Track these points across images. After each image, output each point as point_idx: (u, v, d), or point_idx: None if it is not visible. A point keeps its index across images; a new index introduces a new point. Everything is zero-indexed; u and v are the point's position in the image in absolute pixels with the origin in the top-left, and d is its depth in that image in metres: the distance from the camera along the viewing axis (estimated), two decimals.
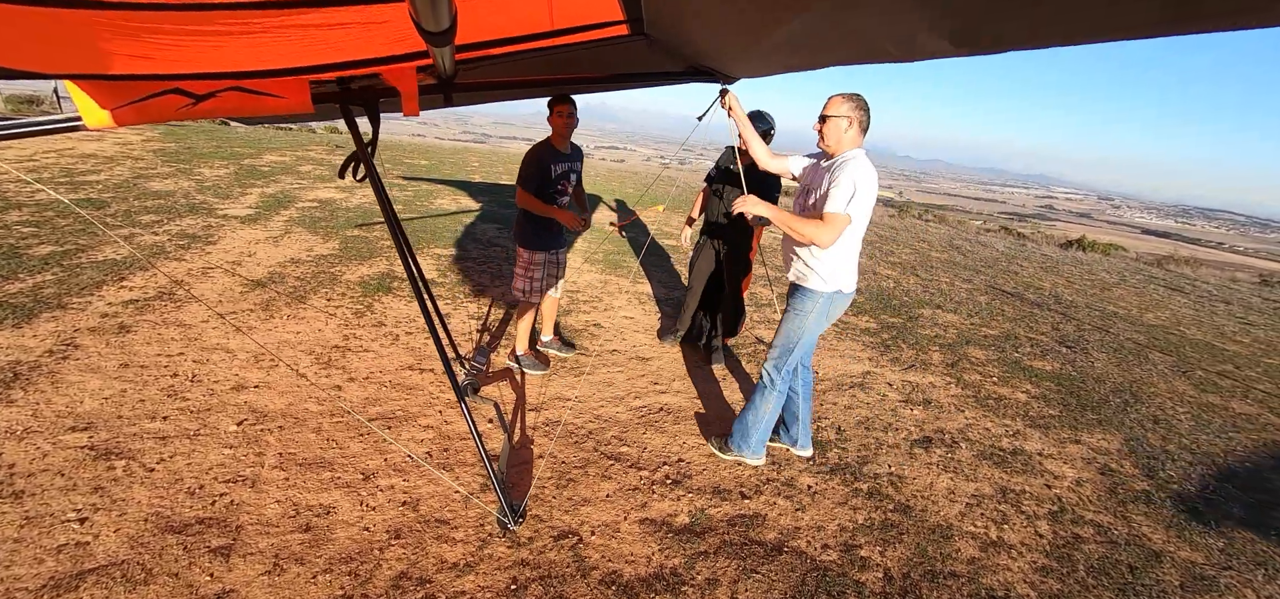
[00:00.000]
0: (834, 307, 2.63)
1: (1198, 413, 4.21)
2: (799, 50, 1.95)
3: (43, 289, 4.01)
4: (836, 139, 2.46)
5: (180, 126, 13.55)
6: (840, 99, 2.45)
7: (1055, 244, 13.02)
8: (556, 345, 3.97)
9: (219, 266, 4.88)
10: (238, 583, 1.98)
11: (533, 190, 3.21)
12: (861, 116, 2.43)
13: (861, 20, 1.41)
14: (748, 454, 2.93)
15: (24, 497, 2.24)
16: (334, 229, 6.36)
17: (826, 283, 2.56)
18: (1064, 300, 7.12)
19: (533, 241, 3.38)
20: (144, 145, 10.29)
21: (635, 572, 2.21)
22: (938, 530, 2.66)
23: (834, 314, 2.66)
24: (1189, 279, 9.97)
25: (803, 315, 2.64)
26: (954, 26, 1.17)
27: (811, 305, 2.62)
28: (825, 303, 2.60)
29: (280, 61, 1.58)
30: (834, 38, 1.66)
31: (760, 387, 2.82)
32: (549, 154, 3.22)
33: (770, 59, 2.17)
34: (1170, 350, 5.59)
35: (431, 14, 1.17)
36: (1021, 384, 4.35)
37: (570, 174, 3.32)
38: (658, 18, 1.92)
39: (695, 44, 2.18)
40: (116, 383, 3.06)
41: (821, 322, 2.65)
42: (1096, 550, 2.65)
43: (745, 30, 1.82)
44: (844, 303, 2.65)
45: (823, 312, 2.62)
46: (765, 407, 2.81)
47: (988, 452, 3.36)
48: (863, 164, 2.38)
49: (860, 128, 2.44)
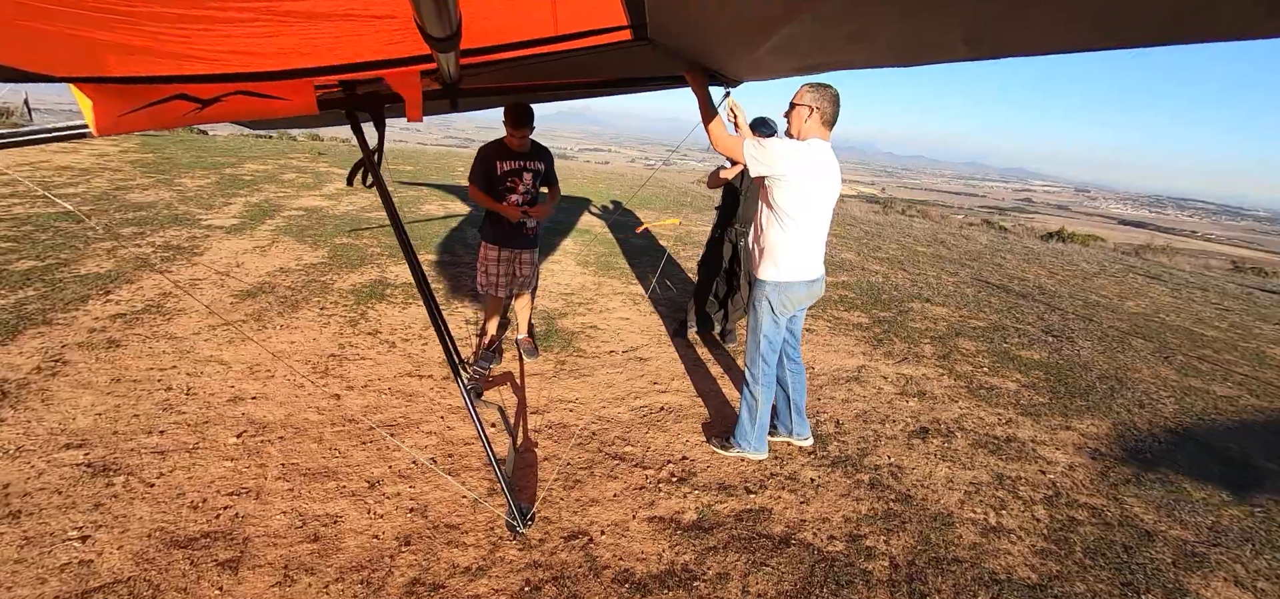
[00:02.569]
0: (786, 296, 2.69)
1: (1181, 396, 4.33)
2: (803, 53, 1.98)
3: (26, 305, 3.92)
4: (799, 127, 2.56)
5: (157, 136, 13.28)
6: (806, 88, 2.54)
7: (1036, 236, 13.30)
8: (527, 347, 4.03)
9: (206, 278, 4.80)
10: (248, 595, 1.96)
11: (480, 186, 3.43)
12: (826, 108, 2.51)
13: (869, 20, 1.44)
14: (749, 449, 2.97)
15: (21, 517, 2.19)
16: (322, 237, 6.29)
17: (776, 271, 2.64)
18: (1048, 291, 7.28)
19: (488, 235, 3.58)
20: (121, 156, 10.07)
21: (647, 569, 2.23)
22: (939, 518, 2.71)
23: (789, 304, 2.72)
24: (1166, 267, 10.25)
25: (757, 305, 2.75)
26: (968, 31, 1.19)
27: (761, 294, 2.72)
28: (774, 293, 2.68)
29: (284, 60, 1.57)
30: (839, 40, 1.69)
31: (746, 385, 2.90)
32: (497, 151, 3.39)
33: (774, 62, 2.20)
34: (1152, 337, 5.75)
35: (436, 20, 1.18)
36: (1011, 373, 4.44)
37: (523, 173, 3.44)
38: (661, 22, 1.94)
39: (699, 47, 2.20)
40: (109, 398, 3.01)
41: (778, 313, 2.72)
42: (1092, 532, 2.72)
43: (749, 32, 1.85)
44: (801, 292, 2.71)
45: (777, 300, 2.69)
46: (754, 402, 2.87)
47: (983, 440, 3.43)
48: (807, 148, 2.48)
49: (821, 118, 2.52)
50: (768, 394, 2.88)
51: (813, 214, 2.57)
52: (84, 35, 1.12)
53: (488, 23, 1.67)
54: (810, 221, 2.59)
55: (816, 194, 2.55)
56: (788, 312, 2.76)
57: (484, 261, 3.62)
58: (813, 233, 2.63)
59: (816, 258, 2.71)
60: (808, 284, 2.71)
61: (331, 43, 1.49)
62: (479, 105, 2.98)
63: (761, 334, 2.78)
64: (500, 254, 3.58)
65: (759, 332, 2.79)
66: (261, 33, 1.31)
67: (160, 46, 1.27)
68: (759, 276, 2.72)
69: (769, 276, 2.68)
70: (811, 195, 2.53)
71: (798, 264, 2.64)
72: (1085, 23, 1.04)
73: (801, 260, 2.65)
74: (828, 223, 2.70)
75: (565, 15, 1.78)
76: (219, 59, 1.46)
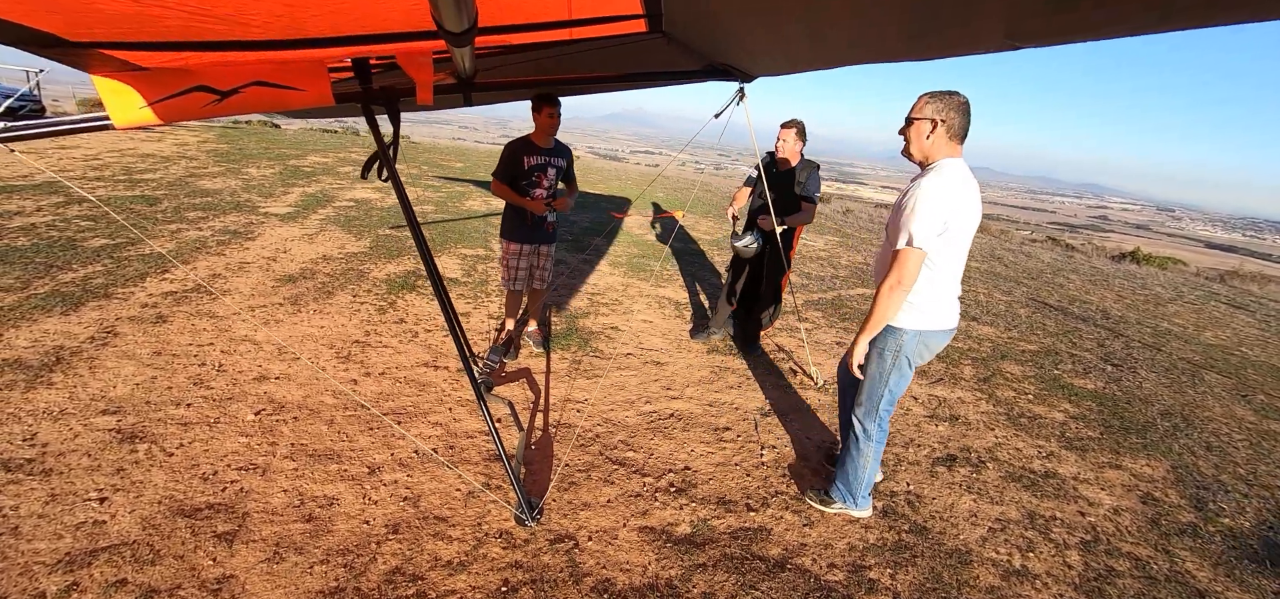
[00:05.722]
0: (925, 346, 2.31)
1: (1257, 441, 3.88)
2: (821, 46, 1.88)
3: (92, 279, 4.25)
4: (919, 147, 2.15)
5: (233, 128, 14.26)
6: (927, 99, 2.12)
7: (1107, 257, 12.33)
8: (537, 338, 4.09)
9: (254, 262, 5.07)
10: (238, 569, 2.03)
11: (506, 180, 3.47)
12: (954, 120, 2.09)
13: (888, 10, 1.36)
14: (853, 507, 2.66)
15: (52, 475, 2.35)
16: (367, 228, 6.55)
17: (918, 318, 2.25)
18: (1113, 316, 6.72)
19: (509, 233, 3.63)
20: (200, 146, 10.85)
21: (629, 581, 2.16)
22: (955, 554, 2.51)
23: (926, 354, 2.35)
24: (1255, 297, 9.27)
25: (886, 354, 2.34)
26: (1009, 22, 1.14)
27: (895, 343, 2.30)
28: (912, 342, 2.28)
29: (296, 28, 1.57)
30: (858, 30, 1.60)
31: (853, 438, 2.55)
32: (525, 148, 3.43)
33: (790, 55, 2.11)
34: (1229, 372, 5.19)
35: (454, 14, 1.18)
36: (1059, 402, 4.11)
37: (547, 168, 3.49)
38: (677, 14, 1.89)
39: (714, 40, 2.14)
40: (148, 369, 3.20)
41: (904, 364, 2.34)
42: (1132, 586, 2.45)
43: (765, 25, 1.77)
44: (941, 342, 2.34)
45: (913, 351, 2.31)
46: (863, 458, 2.55)
47: (1017, 473, 3.18)
48: (939, 179, 2.06)
49: (949, 132, 2.10)
50: (880, 449, 2.56)
51: (958, 251, 2.18)
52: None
53: (503, 2, 1.65)
54: (955, 260, 2.20)
55: (961, 230, 2.12)
56: (923, 361, 2.40)
57: (506, 257, 3.69)
58: (956, 273, 2.25)
59: (956, 301, 2.33)
60: (949, 333, 2.35)
61: (346, 7, 1.48)
62: (492, 100, 3.01)
63: (886, 385, 2.39)
64: (522, 250, 3.66)
65: (883, 382, 2.38)
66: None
67: (168, 13, 1.29)
68: (896, 324, 2.28)
69: (909, 325, 2.26)
70: (956, 233, 2.11)
71: (941, 311, 2.26)
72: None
73: (945, 306, 2.27)
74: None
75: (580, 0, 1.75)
76: (235, 21, 1.47)
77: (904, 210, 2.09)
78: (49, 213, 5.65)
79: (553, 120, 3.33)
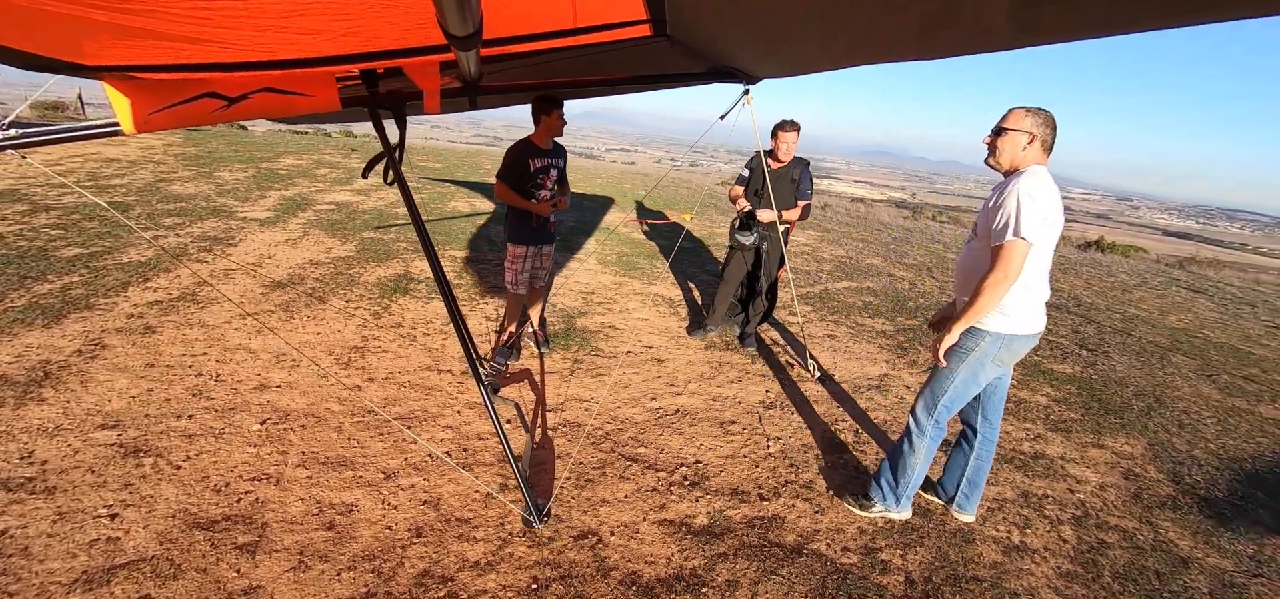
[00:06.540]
0: (1009, 349, 2.29)
1: (1224, 417, 4.12)
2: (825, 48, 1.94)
3: (71, 290, 4.10)
4: (1011, 156, 2.21)
5: (199, 131, 13.78)
6: (1023, 113, 2.19)
7: (1073, 245, 12.84)
8: (539, 337, 4.10)
9: (240, 269, 4.95)
10: (264, 579, 2.01)
11: (511, 183, 3.46)
12: (1047, 134, 2.17)
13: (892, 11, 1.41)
14: (894, 509, 2.64)
15: (56, 493, 2.29)
16: (351, 231, 6.44)
17: (1005, 321, 2.24)
18: (1083, 302, 7.02)
19: (516, 236, 3.61)
20: (165, 150, 10.48)
21: (655, 572, 2.21)
22: (959, 534, 2.63)
23: (1010, 358, 2.33)
24: (1212, 281, 9.77)
25: (965, 354, 2.30)
26: (1021, 17, 1.18)
27: (977, 343, 2.28)
28: (995, 345, 2.26)
29: (306, 47, 1.58)
30: (861, 31, 1.65)
31: (907, 432, 2.51)
32: (528, 150, 3.42)
33: (795, 58, 2.16)
34: (1194, 353, 5.49)
35: (459, 18, 1.19)
36: (1042, 387, 4.29)
37: (550, 169, 3.51)
38: (681, 17, 1.93)
39: (718, 43, 2.18)
40: (143, 382, 3.12)
41: (985, 365, 2.32)
42: (1122, 556, 2.60)
43: (770, 27, 1.82)
44: (1026, 346, 2.32)
45: (996, 353, 2.29)
46: (914, 455, 2.50)
47: (1008, 455, 3.32)
48: (1037, 179, 2.12)
49: (1043, 145, 2.18)
50: (930, 453, 2.52)
51: (1046, 254, 2.23)
52: (101, 20, 1.15)
53: (507, 13, 1.67)
54: (1044, 263, 2.25)
55: (1051, 234, 2.18)
56: (1004, 367, 2.40)
57: (512, 260, 3.65)
58: (1044, 275, 2.28)
59: (1044, 305, 2.33)
60: (1035, 337, 2.32)
61: (353, 27, 1.50)
62: (498, 103, 3.01)
63: (955, 382, 2.35)
64: (527, 252, 3.65)
65: (953, 379, 2.35)
66: (284, 7, 1.31)
67: (179, 30, 1.29)
68: (979, 325, 2.26)
69: (995, 327, 2.24)
70: (1046, 237, 2.17)
71: (1029, 313, 2.26)
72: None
73: (1034, 309, 2.27)
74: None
75: (584, 7, 1.78)
76: (239, 46, 1.48)
77: (1003, 208, 2.12)
78: (15, 222, 5.41)
79: (562, 122, 3.34)
